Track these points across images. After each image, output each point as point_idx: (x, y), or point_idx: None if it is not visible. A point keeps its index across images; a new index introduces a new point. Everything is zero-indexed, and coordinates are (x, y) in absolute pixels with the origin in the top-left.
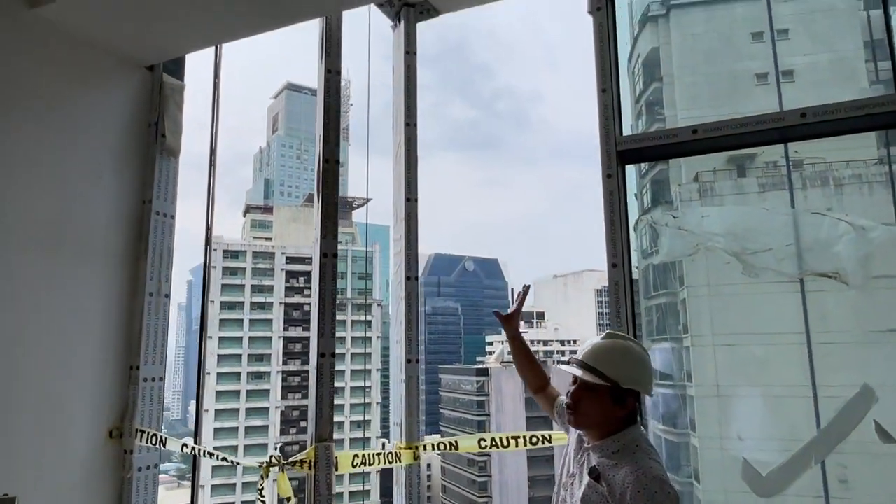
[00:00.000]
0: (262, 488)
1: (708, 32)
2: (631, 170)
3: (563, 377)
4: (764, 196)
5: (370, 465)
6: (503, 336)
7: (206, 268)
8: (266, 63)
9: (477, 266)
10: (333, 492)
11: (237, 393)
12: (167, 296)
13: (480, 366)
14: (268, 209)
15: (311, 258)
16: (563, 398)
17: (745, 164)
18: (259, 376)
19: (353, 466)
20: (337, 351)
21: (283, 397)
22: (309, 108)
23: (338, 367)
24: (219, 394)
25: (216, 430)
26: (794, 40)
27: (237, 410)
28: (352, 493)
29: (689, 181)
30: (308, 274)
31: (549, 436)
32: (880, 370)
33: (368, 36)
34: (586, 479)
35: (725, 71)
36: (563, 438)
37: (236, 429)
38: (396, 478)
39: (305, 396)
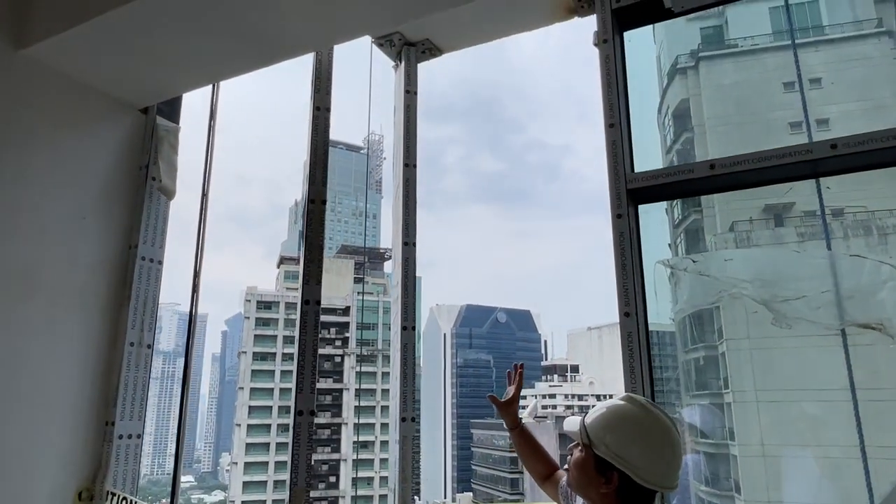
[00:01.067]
0: None
1: (738, 83)
2: (663, 219)
3: None
4: (803, 246)
5: None
6: (536, 390)
7: (192, 318)
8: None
9: (509, 317)
10: None
11: (267, 446)
12: (149, 346)
13: None
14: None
15: (342, 309)
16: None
17: (783, 214)
18: (289, 428)
19: None
20: (367, 404)
21: (311, 449)
22: (344, 163)
23: (370, 421)
24: (248, 446)
25: (245, 484)
26: (828, 89)
27: (266, 464)
28: None
29: (725, 231)
30: (339, 325)
31: None
32: None
33: (370, 76)
34: None
35: (758, 120)
36: None
37: (265, 482)
38: None
39: (336, 450)
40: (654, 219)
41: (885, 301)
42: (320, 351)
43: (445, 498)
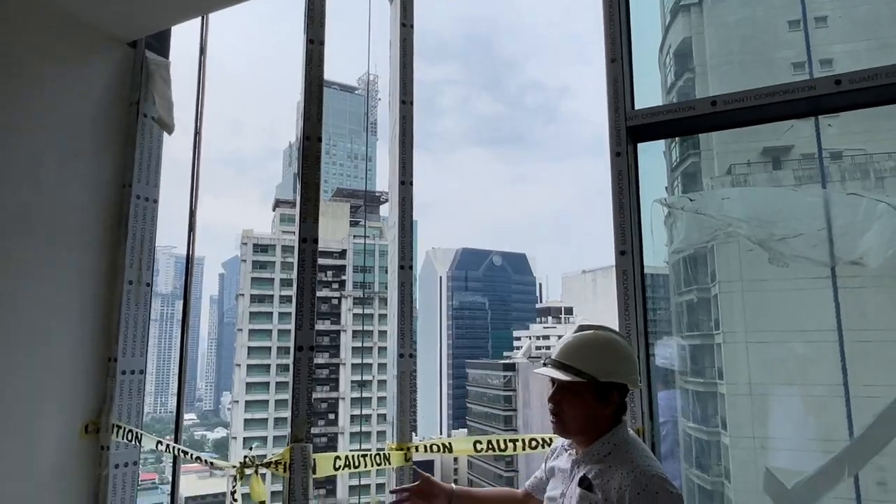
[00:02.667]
0: (234, 491)
1: (743, 20)
2: (661, 162)
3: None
4: (799, 189)
5: (355, 467)
6: (530, 332)
7: (190, 257)
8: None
9: (505, 261)
10: (311, 496)
11: (266, 385)
12: (149, 284)
13: (507, 361)
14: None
15: (338, 252)
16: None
17: (781, 157)
18: (287, 368)
19: (336, 469)
20: (365, 345)
21: (313, 386)
22: (338, 103)
23: (366, 361)
24: (249, 385)
25: (246, 421)
26: (833, 27)
27: (267, 402)
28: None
29: (722, 174)
30: (336, 268)
31: (550, 439)
32: None
33: (369, 5)
34: (577, 491)
35: (761, 60)
36: None
37: (266, 420)
38: (388, 478)
39: (335, 389)
40: (652, 162)
41: (873, 236)
42: (317, 293)
43: (441, 435)
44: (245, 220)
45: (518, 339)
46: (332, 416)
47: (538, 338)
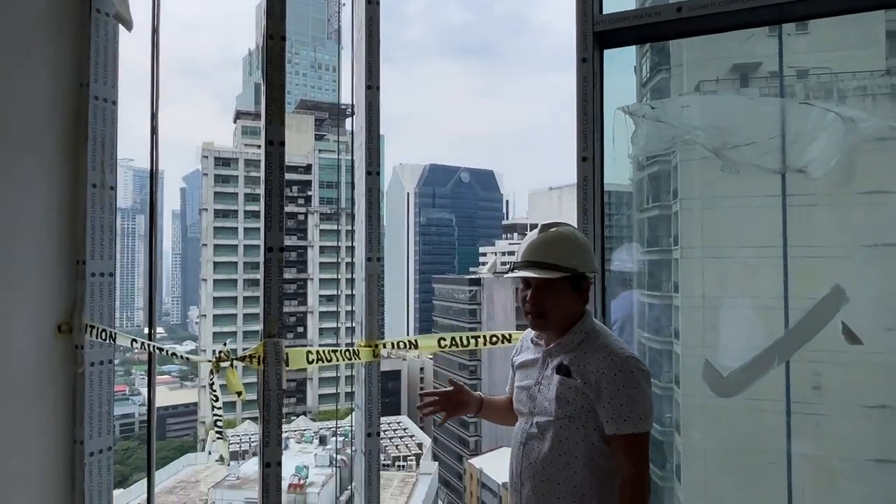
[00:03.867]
0: (213, 383)
1: None
2: (630, 78)
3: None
4: (757, 99)
5: (326, 361)
6: (496, 248)
7: (154, 168)
8: None
9: (472, 177)
10: (284, 387)
11: (234, 299)
12: (112, 188)
13: (473, 276)
14: (259, 116)
15: (303, 167)
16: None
17: (749, 74)
18: (255, 283)
19: (308, 362)
20: (330, 260)
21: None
22: (300, 7)
23: (332, 276)
24: (216, 300)
25: (214, 334)
26: None
27: (235, 316)
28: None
29: (691, 90)
30: (301, 183)
31: (510, 335)
32: (858, 283)
33: None
34: (556, 378)
35: None
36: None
37: (235, 333)
38: (357, 375)
39: (303, 303)
40: (622, 78)
41: (820, 144)
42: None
43: None
44: (205, 132)
45: (484, 255)
46: (300, 330)
47: (503, 254)
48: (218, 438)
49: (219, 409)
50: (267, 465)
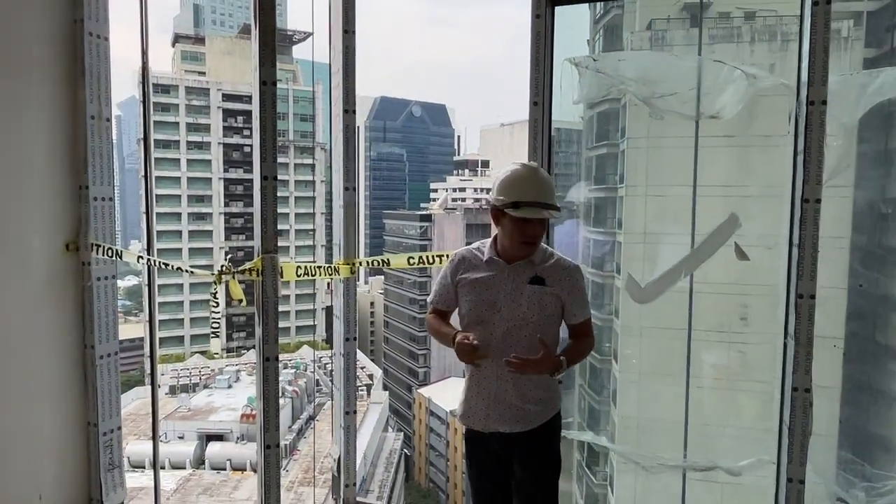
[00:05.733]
0: (216, 291)
1: None
2: (585, 14)
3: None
4: (713, 48)
5: (312, 275)
6: (447, 184)
7: (146, 97)
8: None
9: (424, 112)
10: (279, 295)
11: (178, 233)
12: (108, 119)
13: (424, 212)
14: (199, 40)
15: (249, 96)
16: None
17: (698, 14)
18: (201, 217)
19: (297, 276)
20: (280, 194)
21: (227, 238)
22: None
23: (283, 211)
24: (160, 233)
25: (159, 269)
26: None
27: (179, 250)
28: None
29: (643, 29)
30: (248, 113)
31: None
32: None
33: None
34: (529, 288)
35: None
36: None
37: (180, 269)
38: (336, 289)
39: (249, 238)
40: (577, 13)
41: (727, 96)
42: (227, 140)
43: (358, 281)
44: (136, 53)
45: (435, 190)
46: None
47: (454, 189)
48: (214, 337)
49: (217, 315)
50: (266, 360)
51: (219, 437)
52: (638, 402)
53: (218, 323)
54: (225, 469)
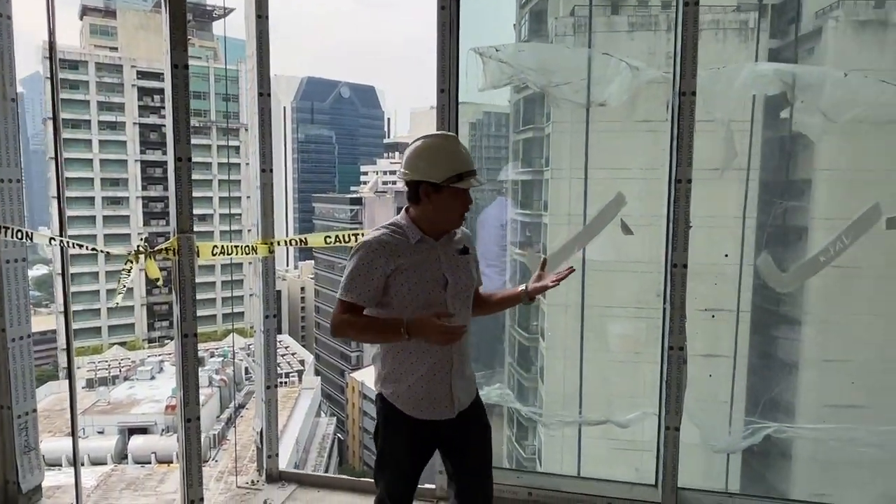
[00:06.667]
0: (130, 269)
1: None
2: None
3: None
4: (632, 35)
5: (229, 254)
6: (377, 167)
7: (54, 75)
8: None
9: (353, 93)
10: (196, 275)
11: (92, 219)
12: (13, 100)
13: (355, 195)
14: (110, 13)
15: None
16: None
17: (619, 2)
18: (116, 202)
19: (213, 255)
20: (204, 177)
21: (146, 223)
22: None
23: (207, 194)
24: (71, 219)
25: (72, 257)
26: None
27: (95, 237)
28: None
29: (566, 14)
30: (162, 91)
31: None
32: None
33: None
34: (461, 258)
35: None
36: None
37: (95, 256)
38: (255, 268)
39: (169, 223)
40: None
41: (613, 87)
42: (143, 120)
43: (288, 266)
44: (40, 26)
45: (365, 173)
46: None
47: (385, 172)
48: (119, 294)
49: (123, 288)
50: (185, 336)
51: (142, 431)
52: (563, 376)
53: (123, 291)
54: (150, 462)
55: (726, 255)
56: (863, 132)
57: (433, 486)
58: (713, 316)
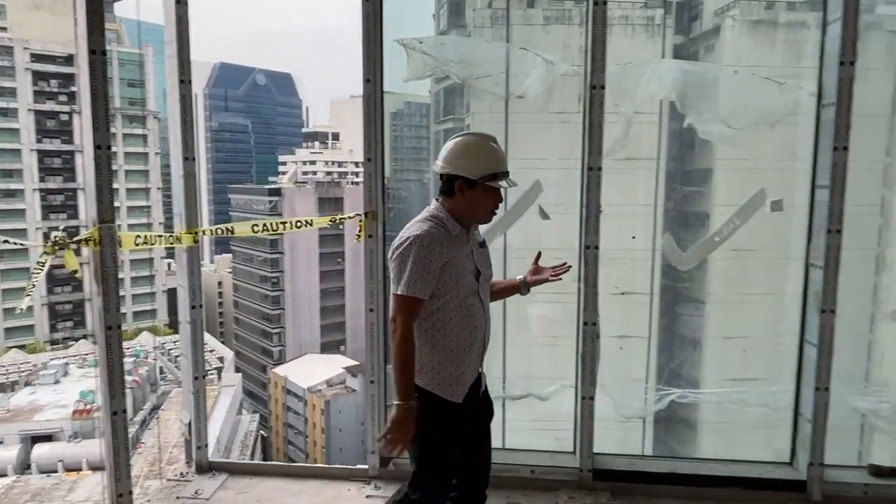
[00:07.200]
0: (44, 262)
1: None
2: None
3: None
4: (547, 29)
5: (152, 244)
6: (296, 157)
7: None
8: None
9: (269, 80)
10: (119, 266)
11: (22, 213)
12: None
13: (273, 186)
14: None
15: (63, 57)
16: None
17: None
18: (9, 194)
19: (136, 245)
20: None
21: (45, 217)
22: None
23: (113, 186)
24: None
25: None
26: None
27: (25, 230)
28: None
29: (484, 7)
30: (63, 76)
31: (311, 220)
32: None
33: None
34: (483, 250)
35: None
36: (323, 221)
37: (7, 241)
38: (179, 259)
39: (74, 217)
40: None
41: (530, 80)
42: (39, 107)
43: (203, 261)
44: None
45: (284, 163)
46: (73, 246)
47: (305, 163)
48: (27, 296)
49: (35, 284)
50: (108, 328)
51: (47, 438)
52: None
53: (33, 289)
54: (56, 472)
55: (634, 237)
56: (765, 128)
57: (366, 467)
58: (623, 293)
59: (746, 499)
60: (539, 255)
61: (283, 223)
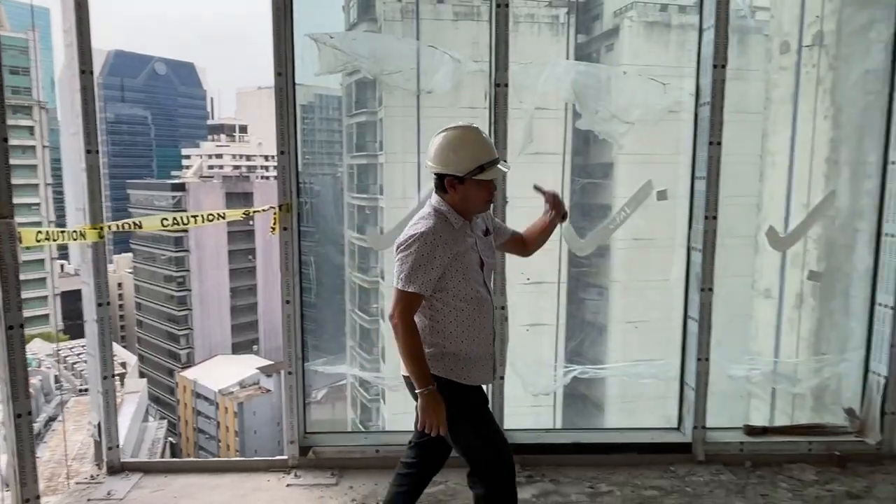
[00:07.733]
0: None
1: None
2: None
3: None
4: (456, 24)
5: (55, 240)
6: (202, 150)
7: None
8: None
9: (170, 70)
10: (20, 262)
11: None
12: None
13: (177, 181)
14: None
15: None
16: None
17: None
18: None
19: (38, 241)
20: None
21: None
22: None
23: (19, 181)
24: None
25: None
26: None
27: None
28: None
29: (394, 0)
30: None
31: (224, 213)
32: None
33: None
34: (486, 240)
35: None
36: (236, 214)
37: None
38: (83, 255)
39: None
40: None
41: (439, 77)
42: None
43: (106, 257)
44: None
45: (188, 157)
46: None
47: (210, 156)
48: None
49: None
50: (10, 328)
51: None
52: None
53: None
54: None
55: None
56: (650, 124)
57: (285, 457)
58: (528, 279)
59: (641, 462)
60: (537, 187)
61: (194, 217)
